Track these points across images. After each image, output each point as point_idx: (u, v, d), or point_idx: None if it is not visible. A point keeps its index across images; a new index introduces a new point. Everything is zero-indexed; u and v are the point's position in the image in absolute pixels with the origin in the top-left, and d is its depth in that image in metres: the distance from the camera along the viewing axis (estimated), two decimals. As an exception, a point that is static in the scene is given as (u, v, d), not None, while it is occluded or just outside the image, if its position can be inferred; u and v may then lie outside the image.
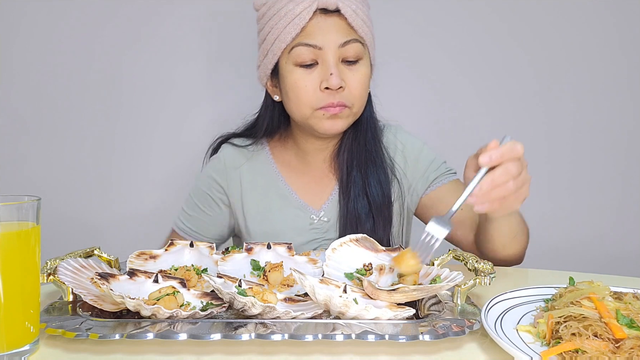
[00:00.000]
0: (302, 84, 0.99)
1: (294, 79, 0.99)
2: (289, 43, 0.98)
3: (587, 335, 0.56)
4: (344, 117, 1.02)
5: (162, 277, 0.72)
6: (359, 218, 1.07)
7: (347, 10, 0.97)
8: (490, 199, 0.74)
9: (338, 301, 0.64)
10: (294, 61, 0.99)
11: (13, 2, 1.59)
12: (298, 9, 0.96)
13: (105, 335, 0.58)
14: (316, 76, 0.98)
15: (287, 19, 0.97)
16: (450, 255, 0.85)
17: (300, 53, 0.98)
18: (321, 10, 0.97)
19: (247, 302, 0.63)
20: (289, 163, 1.15)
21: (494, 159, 0.72)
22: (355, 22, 0.98)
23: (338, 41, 0.98)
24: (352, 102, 1.00)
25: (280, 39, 0.98)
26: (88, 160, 1.66)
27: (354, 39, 0.99)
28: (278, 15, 0.98)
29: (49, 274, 0.70)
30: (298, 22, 0.96)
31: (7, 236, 0.56)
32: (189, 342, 0.59)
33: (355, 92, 1.00)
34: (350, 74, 1.00)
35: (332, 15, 0.98)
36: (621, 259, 1.70)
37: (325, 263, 0.81)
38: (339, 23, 0.98)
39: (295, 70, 0.99)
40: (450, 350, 0.61)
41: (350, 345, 0.61)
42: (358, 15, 0.99)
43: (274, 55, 1.01)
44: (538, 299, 0.73)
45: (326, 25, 0.98)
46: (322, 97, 0.98)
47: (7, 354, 0.56)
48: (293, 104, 1.02)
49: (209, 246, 0.87)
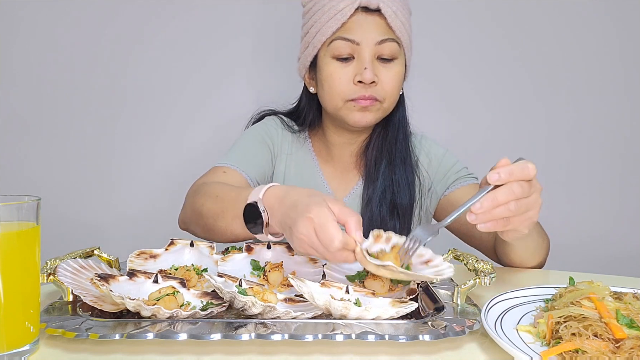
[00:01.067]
0: (337, 76, 1.03)
1: (330, 70, 1.04)
2: (329, 36, 1.03)
3: (587, 335, 0.56)
4: (374, 111, 1.05)
5: (162, 277, 0.72)
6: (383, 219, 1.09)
7: (387, 10, 1.01)
8: (493, 218, 0.71)
9: (338, 305, 0.64)
10: (332, 54, 1.03)
11: (13, 2, 1.59)
12: (341, 5, 1.00)
13: (105, 335, 0.58)
14: (351, 70, 1.03)
15: (330, 14, 1.01)
16: (450, 255, 0.85)
17: (338, 46, 1.02)
18: (363, 8, 1.01)
19: (248, 301, 0.63)
20: (321, 153, 1.20)
21: (503, 177, 0.70)
22: (394, 23, 1.02)
23: (375, 38, 1.01)
24: (383, 97, 1.04)
25: (321, 32, 1.03)
26: (88, 160, 1.66)
27: (391, 38, 1.03)
28: (322, 10, 1.03)
29: (49, 274, 0.70)
30: (339, 18, 1.00)
31: (7, 236, 0.56)
32: (189, 342, 0.59)
33: (387, 88, 1.04)
34: (385, 71, 1.03)
35: (373, 14, 1.02)
36: (621, 259, 1.70)
37: (327, 266, 0.81)
38: (378, 22, 1.02)
39: (332, 62, 1.04)
40: (450, 350, 0.61)
41: (350, 345, 0.61)
42: (398, 16, 1.02)
43: (314, 47, 1.06)
44: (538, 299, 0.73)
45: (366, 22, 1.02)
46: (355, 89, 1.02)
47: (7, 354, 0.56)
48: (327, 94, 1.06)
49: (209, 246, 0.87)
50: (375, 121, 1.07)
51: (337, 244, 0.68)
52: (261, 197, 0.80)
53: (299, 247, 0.74)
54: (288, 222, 0.74)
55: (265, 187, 0.81)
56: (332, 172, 1.19)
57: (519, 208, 0.71)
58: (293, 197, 0.76)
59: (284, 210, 0.76)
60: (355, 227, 0.71)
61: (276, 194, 0.79)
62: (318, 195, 0.75)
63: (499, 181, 0.70)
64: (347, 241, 0.69)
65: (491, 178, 0.70)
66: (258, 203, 0.79)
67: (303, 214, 0.70)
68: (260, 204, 0.79)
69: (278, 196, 0.79)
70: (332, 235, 0.68)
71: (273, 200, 0.79)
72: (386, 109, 1.07)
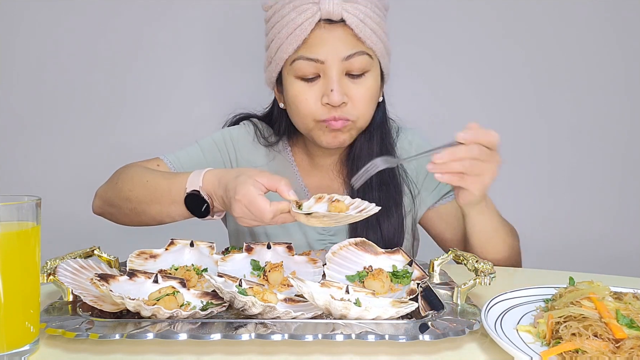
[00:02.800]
0: (303, 98, 0.95)
1: (295, 91, 0.96)
2: (290, 54, 0.94)
3: (587, 335, 0.56)
4: (347, 131, 0.98)
5: (162, 277, 0.72)
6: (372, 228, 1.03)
7: (352, 20, 0.91)
8: (449, 170, 0.79)
9: (338, 305, 0.64)
10: (295, 74, 0.95)
11: (13, 2, 1.59)
12: (300, 19, 0.91)
13: (105, 335, 0.58)
14: (317, 89, 0.95)
15: (289, 29, 0.92)
16: (450, 255, 0.85)
17: (301, 67, 0.93)
18: (325, 20, 0.91)
19: (248, 301, 0.63)
20: (302, 162, 1.13)
21: (467, 136, 0.78)
22: (362, 33, 0.92)
23: (342, 54, 0.92)
24: (356, 116, 0.96)
25: (282, 50, 0.94)
26: (88, 160, 1.66)
27: (360, 51, 0.93)
28: (281, 23, 0.94)
29: (49, 274, 0.70)
30: (299, 34, 0.91)
31: (7, 236, 0.56)
32: (189, 342, 0.59)
33: (359, 106, 0.96)
34: (355, 88, 0.95)
35: (337, 26, 0.92)
36: (621, 259, 1.70)
37: (327, 266, 0.81)
38: (343, 34, 0.92)
39: (296, 82, 0.96)
40: (450, 350, 0.61)
41: (350, 345, 0.61)
42: (366, 24, 0.92)
43: (276, 65, 0.98)
44: (538, 299, 0.73)
45: (330, 37, 0.92)
46: (324, 110, 0.95)
47: (7, 354, 0.56)
48: (295, 115, 1.00)
49: (209, 246, 0.87)
50: (350, 140, 1.01)
51: (268, 214, 0.77)
52: (201, 184, 0.86)
53: (242, 224, 0.82)
54: (226, 203, 0.83)
55: (201, 175, 0.87)
56: (316, 183, 1.12)
57: (473, 167, 0.79)
58: (224, 181, 0.83)
59: (221, 193, 0.84)
60: (285, 189, 0.79)
61: (211, 181, 0.86)
62: (244, 173, 0.81)
63: (464, 140, 0.78)
64: (278, 207, 0.77)
65: (458, 136, 0.79)
66: (200, 191, 0.86)
67: (234, 197, 0.79)
68: (202, 192, 0.86)
69: (213, 183, 0.86)
70: (262, 208, 0.77)
71: (210, 186, 0.86)
72: (360, 127, 1.00)
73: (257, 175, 0.80)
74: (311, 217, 0.76)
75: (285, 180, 0.80)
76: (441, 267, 0.87)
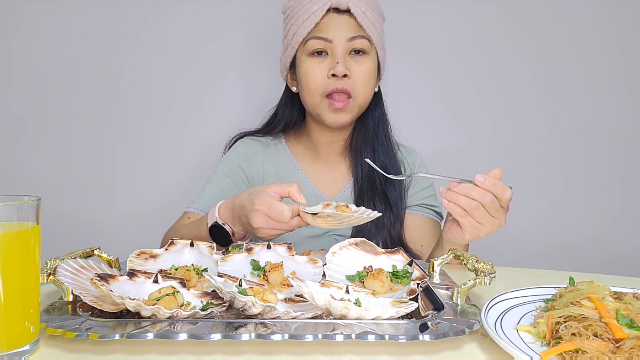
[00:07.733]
0: (313, 72, 1.11)
1: (306, 67, 1.12)
2: (304, 36, 1.12)
3: (587, 335, 0.56)
4: (348, 111, 1.13)
5: (162, 277, 0.72)
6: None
7: (356, 10, 1.10)
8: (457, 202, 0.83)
9: (338, 305, 0.64)
10: (307, 51, 1.12)
11: (13, 2, 1.59)
12: (314, 7, 1.10)
13: (105, 335, 0.58)
14: (325, 65, 1.11)
15: (305, 17, 1.11)
16: (450, 255, 0.85)
17: (312, 44, 1.11)
18: (334, 9, 1.11)
19: (248, 301, 0.63)
20: (303, 154, 1.26)
21: (486, 183, 0.82)
22: (363, 22, 1.10)
23: (347, 35, 1.10)
24: (355, 92, 1.11)
25: (298, 34, 1.12)
26: (88, 160, 1.66)
27: (361, 35, 1.11)
28: (297, 14, 1.12)
29: (49, 274, 0.70)
30: (313, 19, 1.10)
31: (7, 236, 0.56)
32: (189, 342, 0.59)
33: (358, 81, 1.11)
34: (356, 65, 1.11)
35: (344, 14, 1.11)
36: (621, 259, 1.70)
37: (327, 266, 0.81)
38: (349, 21, 1.11)
39: (308, 59, 1.12)
40: (450, 350, 0.61)
41: (350, 345, 0.61)
42: (367, 16, 1.11)
43: (292, 48, 1.15)
44: (538, 299, 0.73)
45: (337, 21, 1.11)
46: (329, 82, 1.10)
47: (7, 354, 0.56)
48: (305, 90, 1.14)
49: (209, 246, 0.87)
50: (350, 120, 1.15)
51: (288, 213, 0.84)
52: (217, 215, 0.95)
53: (263, 236, 0.89)
54: (245, 222, 0.90)
55: (216, 207, 0.96)
56: (318, 172, 1.24)
57: (478, 212, 0.83)
58: (238, 202, 0.92)
59: (237, 215, 0.92)
60: (297, 192, 0.87)
61: (226, 207, 0.95)
62: (255, 189, 0.90)
63: (481, 184, 0.82)
64: (293, 208, 0.85)
65: (477, 179, 0.82)
66: (217, 221, 0.95)
67: (252, 209, 0.86)
68: (219, 220, 0.95)
69: (228, 208, 0.95)
70: (281, 209, 0.84)
71: (225, 213, 0.95)
72: (360, 106, 1.15)
73: (269, 186, 0.89)
74: (317, 217, 0.83)
75: (296, 185, 0.88)
76: (441, 267, 0.87)
